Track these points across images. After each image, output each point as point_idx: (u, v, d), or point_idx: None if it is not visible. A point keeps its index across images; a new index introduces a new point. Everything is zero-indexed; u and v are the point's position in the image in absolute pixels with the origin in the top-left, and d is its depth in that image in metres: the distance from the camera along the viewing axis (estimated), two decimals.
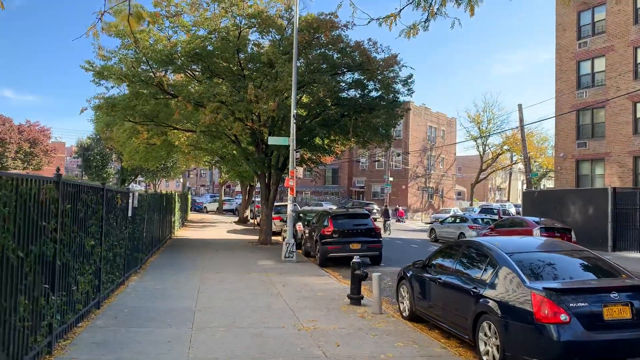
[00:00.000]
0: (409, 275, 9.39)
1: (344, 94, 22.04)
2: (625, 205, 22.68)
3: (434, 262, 8.77)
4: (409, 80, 22.05)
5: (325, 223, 16.64)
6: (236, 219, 42.75)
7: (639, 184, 28.95)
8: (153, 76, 20.11)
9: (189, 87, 21.60)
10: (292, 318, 8.95)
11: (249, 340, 7.45)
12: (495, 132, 62.58)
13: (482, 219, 26.15)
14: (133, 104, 20.57)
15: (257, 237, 23.77)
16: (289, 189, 17.96)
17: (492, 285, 6.74)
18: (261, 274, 13.99)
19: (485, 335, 6.74)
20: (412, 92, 22.59)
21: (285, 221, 23.76)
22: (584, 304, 5.84)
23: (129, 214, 11.71)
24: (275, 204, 25.53)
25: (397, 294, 9.99)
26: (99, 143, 53.89)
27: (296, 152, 18.22)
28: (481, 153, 66.26)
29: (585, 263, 7.02)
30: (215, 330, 7.92)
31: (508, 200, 77.50)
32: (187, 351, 6.81)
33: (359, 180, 63.01)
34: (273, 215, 24.29)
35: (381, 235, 16.69)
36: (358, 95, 22.11)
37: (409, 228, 39.81)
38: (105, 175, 55.01)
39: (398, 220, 46.08)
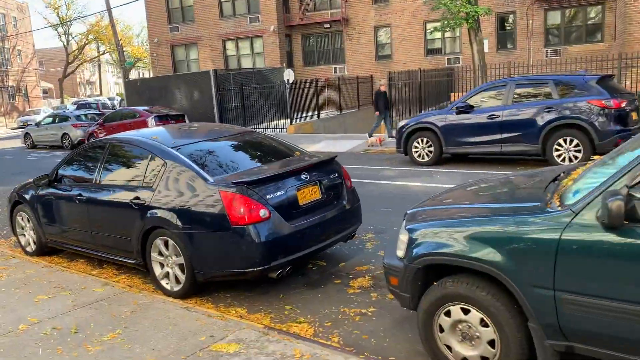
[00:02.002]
0: (28, 197, 6.84)
1: None
2: (224, 87, 23.70)
3: (65, 173, 6.51)
4: None
5: None
6: None
7: (230, 66, 30.83)
8: None
9: None
10: None
11: None
12: (77, 17, 56.62)
13: (86, 115, 23.28)
14: None
15: None
16: None
17: (163, 192, 5.17)
18: None
19: (161, 254, 5.27)
20: None
21: None
22: (280, 193, 4.95)
23: None
24: None
25: (12, 225, 7.31)
26: None
27: None
28: (65, 44, 59.62)
29: (258, 145, 6.13)
30: None
31: (100, 94, 73.61)
32: None
33: None
34: None
35: None
36: None
37: None
38: None
39: None
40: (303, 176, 5.20)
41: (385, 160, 12.68)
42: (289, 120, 21.44)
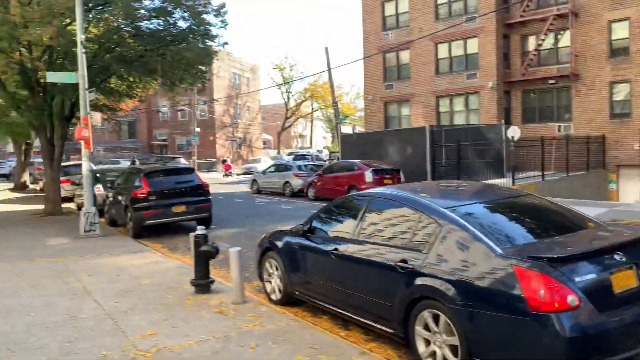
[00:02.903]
0: (280, 245, 6.84)
1: (145, 25, 18.00)
2: (437, 143, 23.12)
3: (319, 226, 6.35)
4: (222, 10, 18.95)
5: (137, 183, 13.08)
6: (12, 185, 35.21)
7: (441, 122, 30.33)
8: None
9: None
10: (115, 334, 5.78)
11: None
12: (299, 78, 62.31)
13: (306, 166, 24.65)
14: None
15: (42, 207, 18.78)
16: (82, 143, 13.81)
17: (435, 257, 4.55)
18: (53, 260, 10.13)
19: (428, 329, 4.60)
20: (226, 25, 19.57)
21: (78, 184, 19.26)
22: (590, 276, 3.96)
23: None
24: (62, 164, 20.59)
25: (259, 270, 7.41)
26: None
27: (89, 92, 13.97)
28: (286, 100, 65.95)
29: (543, 212, 5.23)
30: None
31: (311, 147, 79.20)
32: None
33: (160, 133, 57.57)
34: (61, 178, 19.46)
35: (210, 193, 13.77)
36: (162, 27, 18.26)
37: (225, 181, 37.08)
38: None
39: (226, 175, 42.94)
40: (616, 256, 4.13)
41: None
42: (508, 179, 19.88)
